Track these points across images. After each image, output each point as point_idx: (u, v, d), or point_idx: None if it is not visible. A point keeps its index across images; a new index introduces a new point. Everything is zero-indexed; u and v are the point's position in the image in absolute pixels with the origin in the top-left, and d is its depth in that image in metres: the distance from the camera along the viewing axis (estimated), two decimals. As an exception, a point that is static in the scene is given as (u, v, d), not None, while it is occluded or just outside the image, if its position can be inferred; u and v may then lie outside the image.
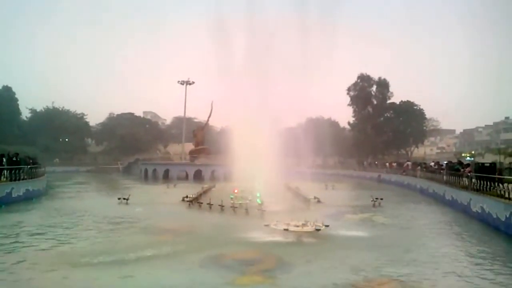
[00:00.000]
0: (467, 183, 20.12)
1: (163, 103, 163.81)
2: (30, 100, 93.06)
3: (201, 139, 57.09)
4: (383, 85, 73.23)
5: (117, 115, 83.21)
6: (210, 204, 19.35)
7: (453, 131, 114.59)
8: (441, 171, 27.83)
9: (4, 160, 22.41)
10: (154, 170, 52.41)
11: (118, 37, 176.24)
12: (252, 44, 28.22)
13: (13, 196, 21.26)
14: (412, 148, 77.20)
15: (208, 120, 58.99)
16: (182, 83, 64.04)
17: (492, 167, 19.41)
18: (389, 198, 25.22)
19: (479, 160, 47.55)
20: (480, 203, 17.12)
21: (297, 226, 12.95)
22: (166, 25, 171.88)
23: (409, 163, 43.15)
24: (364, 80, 73.51)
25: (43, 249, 11.05)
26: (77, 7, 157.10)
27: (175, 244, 11.95)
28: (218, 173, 47.89)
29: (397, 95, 74.39)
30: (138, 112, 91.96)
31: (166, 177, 49.03)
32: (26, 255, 10.40)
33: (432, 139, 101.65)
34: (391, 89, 73.64)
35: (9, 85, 70.02)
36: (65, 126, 72.17)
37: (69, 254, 10.60)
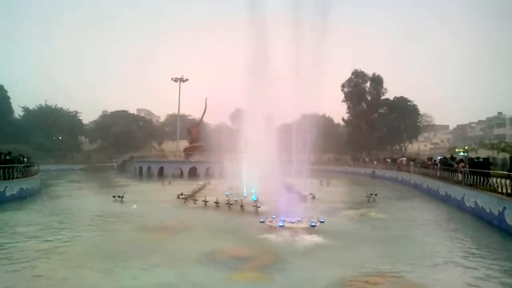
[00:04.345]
0: (461, 178, 20.26)
1: (157, 101, 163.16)
2: (23, 98, 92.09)
3: (195, 136, 57.02)
4: (377, 81, 73.53)
5: (111, 112, 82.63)
6: (205, 201, 19.35)
7: (446, 127, 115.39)
8: (435, 166, 27.99)
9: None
10: (149, 168, 52.26)
11: (111, 34, 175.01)
12: (246, 41, 28.12)
13: (6, 195, 21.12)
14: (406, 144, 77.65)
15: (202, 117, 58.93)
16: (176, 80, 63.85)
17: (487, 163, 19.57)
18: (384, 194, 25.37)
19: (473, 155, 47.86)
20: (474, 198, 17.26)
21: (292, 223, 13.00)
22: (160, 22, 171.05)
23: (403, 158, 43.34)
24: (358, 76, 73.73)
25: (36, 249, 10.95)
26: (70, 5, 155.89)
27: (170, 241, 11.94)
28: (213, 170, 47.83)
29: (391, 91, 74.84)
30: (132, 110, 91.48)
31: (161, 174, 48.91)
32: (19, 254, 10.33)
33: (426, 134, 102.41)
34: (385, 85, 74.06)
35: (1, 83, 69.45)
36: (58, 124, 71.69)
37: (63, 253, 10.53)
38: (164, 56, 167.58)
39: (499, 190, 14.99)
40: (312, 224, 12.76)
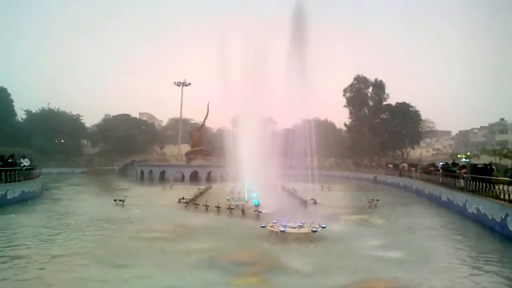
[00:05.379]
0: (463, 184, 20.18)
1: (160, 105, 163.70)
2: (26, 101, 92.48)
3: (197, 141, 57.09)
4: (379, 86, 73.60)
5: (113, 116, 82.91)
6: (206, 206, 19.30)
7: (448, 133, 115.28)
8: (437, 172, 27.92)
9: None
10: (150, 172, 52.33)
11: (114, 38, 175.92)
12: (249, 45, 28.23)
13: (8, 198, 21.12)
14: (408, 150, 77.52)
15: (204, 121, 58.99)
16: (178, 84, 63.98)
17: (489, 169, 19.50)
18: (385, 199, 25.28)
19: (475, 161, 47.72)
20: (476, 204, 17.17)
21: (294, 228, 12.93)
22: (163, 26, 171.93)
23: (405, 164, 43.27)
24: (360, 81, 73.84)
25: (31, 252, 10.92)
26: (73, 8, 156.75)
27: (170, 245, 11.87)
28: (214, 174, 47.91)
29: (393, 97, 74.89)
30: (134, 113, 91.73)
31: (162, 178, 48.99)
32: (19, 256, 10.32)
33: (428, 140, 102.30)
34: (387, 90, 74.11)
35: (4, 86, 69.82)
36: (61, 127, 71.91)
37: (62, 256, 10.49)
38: (167, 60, 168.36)
39: (502, 196, 14.92)
40: (313, 229, 12.69)
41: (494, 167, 23.77)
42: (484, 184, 17.06)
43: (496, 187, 15.98)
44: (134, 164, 60.93)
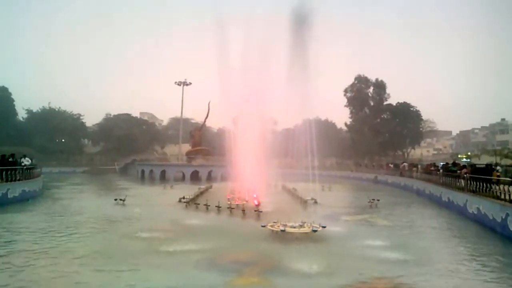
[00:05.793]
0: (463, 184, 20.16)
1: (160, 104, 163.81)
2: (27, 101, 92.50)
3: (198, 140, 57.08)
4: (380, 86, 73.48)
5: (114, 115, 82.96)
6: (207, 205, 19.30)
7: (449, 133, 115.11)
8: (438, 172, 27.90)
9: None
10: (151, 171, 52.37)
11: (115, 37, 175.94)
12: (249, 45, 28.24)
13: (8, 197, 21.15)
14: (409, 149, 77.42)
15: (205, 121, 58.98)
16: (179, 84, 63.94)
17: (489, 169, 19.49)
18: (386, 199, 25.26)
19: (475, 161, 47.69)
20: (476, 204, 17.16)
21: (294, 227, 12.93)
22: (164, 25, 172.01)
23: (405, 164, 43.25)
24: (361, 81, 73.72)
25: (35, 252, 10.89)
26: (74, 8, 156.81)
27: (170, 245, 11.87)
28: (215, 173, 47.98)
29: (394, 97, 74.71)
30: (135, 113, 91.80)
31: (163, 178, 49.03)
32: (18, 256, 10.32)
33: (428, 140, 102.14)
34: (387, 90, 73.97)
35: (5, 86, 69.91)
36: (62, 126, 71.94)
37: (62, 256, 10.48)
38: (167, 60, 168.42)
39: (502, 196, 14.91)
40: (313, 229, 12.70)
41: (499, 167, 23.71)
42: (484, 184, 17.07)
43: (497, 187, 15.97)
44: (135, 164, 60.95)
